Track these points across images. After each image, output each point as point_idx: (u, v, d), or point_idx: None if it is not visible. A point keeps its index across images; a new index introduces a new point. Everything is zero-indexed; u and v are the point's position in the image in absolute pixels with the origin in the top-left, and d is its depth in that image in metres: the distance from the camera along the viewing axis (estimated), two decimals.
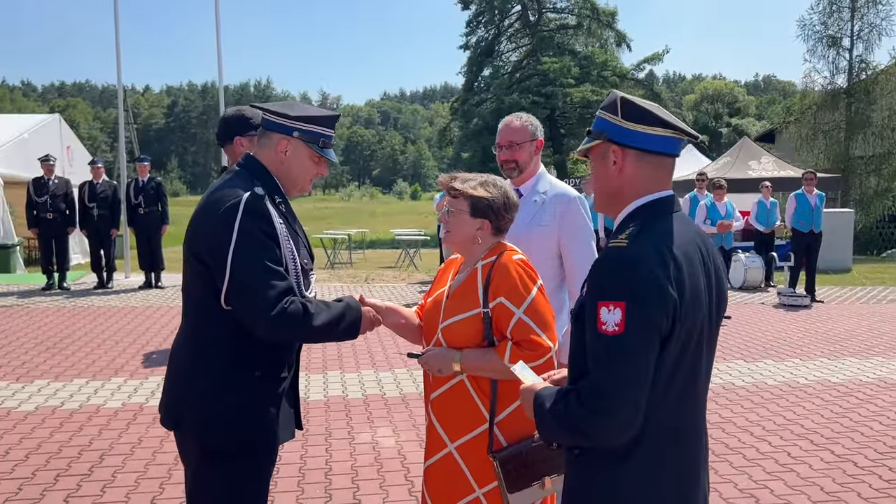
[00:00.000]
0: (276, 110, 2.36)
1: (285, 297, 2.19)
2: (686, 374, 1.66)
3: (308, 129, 2.35)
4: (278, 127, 2.35)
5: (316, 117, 2.37)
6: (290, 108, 2.38)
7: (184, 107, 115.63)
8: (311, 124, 2.36)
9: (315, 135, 2.37)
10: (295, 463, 4.47)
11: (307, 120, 2.35)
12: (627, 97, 1.72)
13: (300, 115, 2.35)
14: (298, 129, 2.34)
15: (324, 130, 2.39)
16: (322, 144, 2.39)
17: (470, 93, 49.51)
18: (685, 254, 1.63)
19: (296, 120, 2.34)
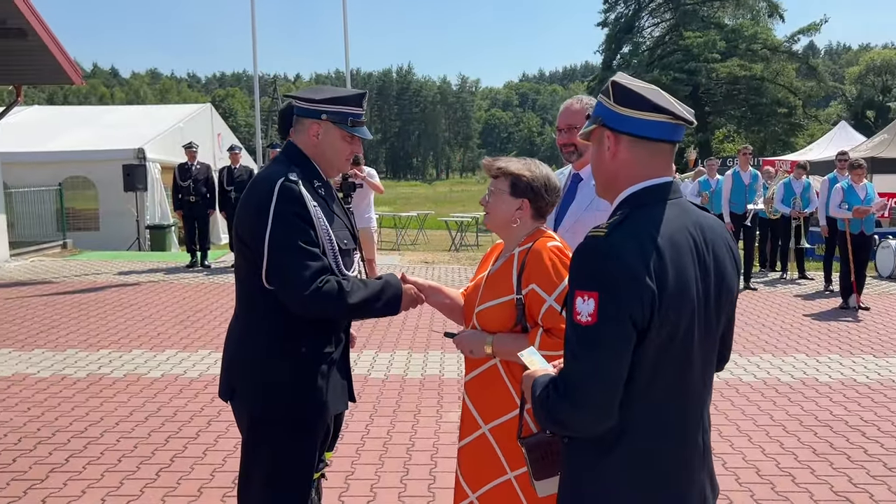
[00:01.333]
0: (303, 96, 2.47)
1: (320, 276, 2.31)
2: (675, 368, 1.60)
3: (335, 109, 2.45)
4: (307, 112, 2.46)
5: (341, 97, 2.46)
6: (317, 92, 2.48)
7: None
8: (337, 105, 2.45)
9: (343, 115, 2.46)
10: (381, 437, 4.66)
11: (333, 101, 2.45)
12: (620, 81, 1.68)
13: (325, 98, 2.45)
14: (326, 111, 2.44)
15: (351, 109, 2.47)
16: (352, 123, 2.48)
17: (608, 71, 48.19)
18: (672, 243, 1.58)
19: (321, 103, 2.45)
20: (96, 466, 4.20)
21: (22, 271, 11.57)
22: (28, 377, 5.91)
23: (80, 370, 6.11)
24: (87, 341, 7.07)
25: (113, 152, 15.64)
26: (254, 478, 2.48)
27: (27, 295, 9.48)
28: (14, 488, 3.92)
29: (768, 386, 5.79)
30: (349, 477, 4.08)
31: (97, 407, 5.21)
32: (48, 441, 4.58)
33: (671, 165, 1.72)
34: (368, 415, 5.07)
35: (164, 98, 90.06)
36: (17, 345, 6.93)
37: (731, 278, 1.72)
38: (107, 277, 10.98)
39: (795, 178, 11.08)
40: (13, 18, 11.47)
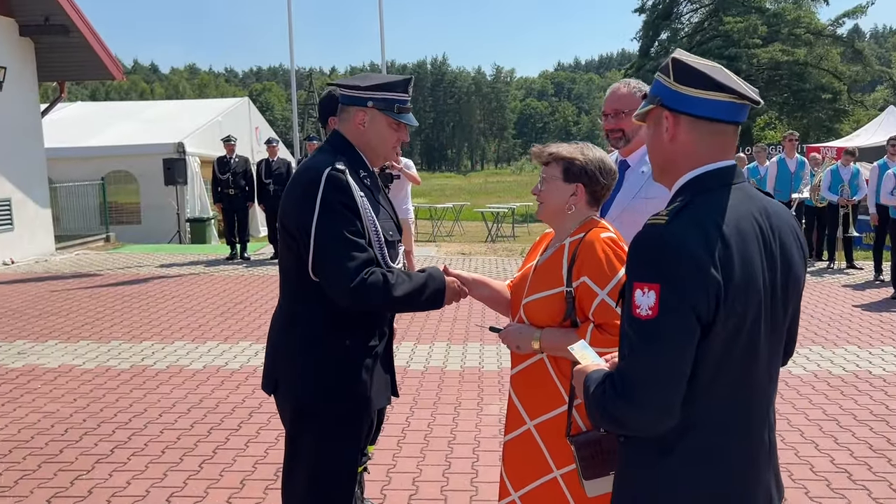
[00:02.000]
0: (348, 83, 2.42)
1: (366, 267, 2.26)
2: (740, 363, 1.51)
3: (381, 96, 2.39)
4: (353, 99, 2.41)
5: (387, 83, 2.40)
6: (362, 79, 2.42)
7: None
8: (384, 91, 2.39)
9: (389, 101, 2.40)
10: (421, 430, 4.61)
11: (379, 88, 2.39)
12: (681, 57, 1.58)
13: (371, 84, 2.39)
14: (371, 97, 2.38)
15: (397, 96, 2.41)
16: (398, 110, 2.41)
17: (645, 58, 47.46)
18: (738, 231, 1.48)
19: (367, 90, 2.39)
20: (140, 458, 4.23)
21: (67, 264, 11.79)
22: (74, 368, 6.00)
23: (123, 361, 6.18)
24: (130, 333, 7.16)
25: (153, 146, 15.86)
26: (297, 472, 2.45)
27: (72, 287, 9.65)
28: (61, 479, 3.96)
29: (819, 379, 5.61)
30: (391, 470, 4.04)
31: (140, 398, 5.26)
32: (93, 432, 4.63)
33: (734, 148, 1.62)
34: (409, 407, 5.03)
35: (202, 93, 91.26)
36: (63, 336, 7.04)
37: (798, 267, 1.62)
38: (149, 270, 11.13)
39: (843, 165, 10.76)
40: (56, 15, 11.67)
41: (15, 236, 11.85)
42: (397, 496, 3.75)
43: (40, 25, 11.78)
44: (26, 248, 12.06)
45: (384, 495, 3.76)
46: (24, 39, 12.06)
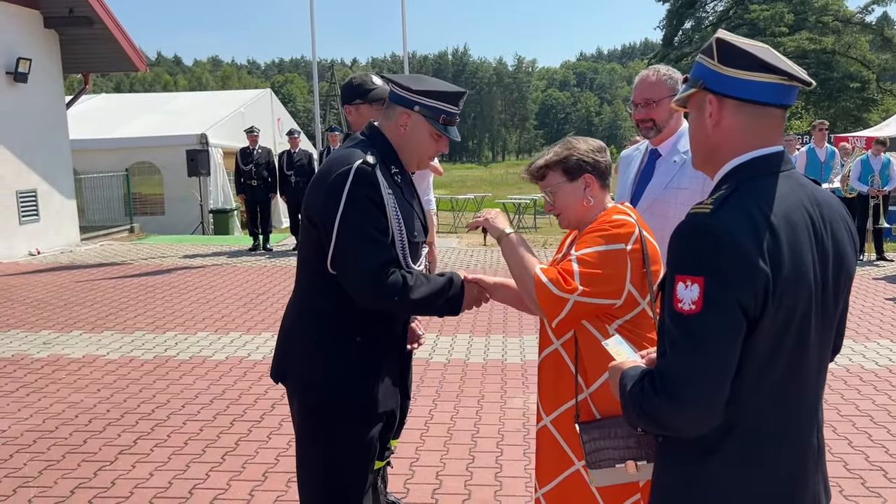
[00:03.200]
0: (401, 83, 2.34)
1: (387, 267, 2.20)
2: (789, 361, 1.43)
3: (430, 104, 2.31)
4: (401, 100, 2.33)
5: (440, 92, 2.32)
6: (416, 82, 2.34)
7: None
8: (433, 99, 2.31)
9: (437, 110, 2.32)
10: (445, 423, 4.56)
11: (430, 95, 2.31)
12: (725, 37, 1.50)
13: (423, 90, 2.31)
14: (420, 103, 2.31)
15: (447, 107, 2.33)
16: (444, 121, 2.34)
17: (668, 48, 46.99)
18: (787, 220, 1.40)
19: (418, 94, 2.31)
20: (163, 449, 4.22)
21: (92, 255, 11.88)
22: (98, 358, 6.02)
23: (147, 352, 6.19)
24: (153, 324, 7.18)
25: (176, 138, 15.93)
26: (308, 466, 2.41)
27: (97, 278, 9.71)
28: (85, 469, 3.96)
29: (851, 373, 5.48)
30: (414, 464, 4.00)
31: (163, 389, 5.26)
32: (117, 423, 4.63)
33: (781, 133, 1.54)
34: (431, 400, 4.99)
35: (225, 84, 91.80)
36: (87, 326, 7.08)
37: (850, 260, 1.54)
38: (172, 261, 11.18)
39: (874, 155, 10.52)
40: (80, 7, 11.72)
41: (41, 227, 11.96)
42: (420, 490, 3.70)
43: (65, 17, 11.84)
44: (52, 238, 12.17)
45: (407, 489, 3.72)
46: (49, 31, 12.14)
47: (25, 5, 11.58)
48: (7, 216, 11.27)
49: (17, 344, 6.48)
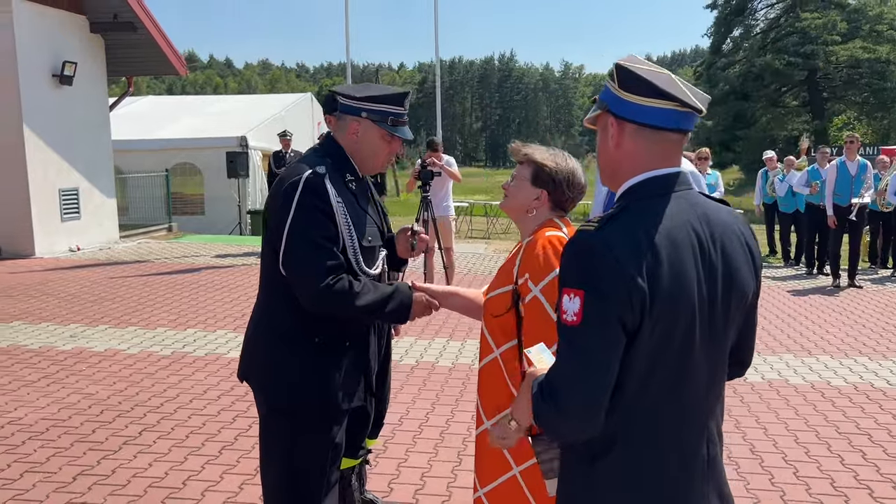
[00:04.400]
0: (346, 93, 2.46)
1: (333, 273, 2.30)
2: (670, 374, 1.49)
3: (376, 108, 2.42)
4: (348, 109, 2.45)
5: (384, 96, 2.43)
6: (360, 90, 2.46)
7: (432, 82, 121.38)
8: (377, 104, 2.42)
9: (383, 114, 2.43)
10: (439, 426, 4.65)
11: (374, 100, 2.42)
12: (624, 63, 1.57)
13: (367, 96, 2.42)
14: (366, 108, 2.42)
15: (392, 109, 2.44)
16: (392, 123, 2.44)
17: (716, 55, 46.27)
18: (670, 239, 1.47)
19: (362, 101, 2.42)
20: (166, 441, 4.40)
21: (128, 252, 12.28)
22: (118, 353, 6.26)
23: (166, 348, 6.42)
24: (176, 320, 7.42)
25: (217, 140, 16.35)
26: (270, 466, 2.53)
27: (129, 275, 10.05)
28: (89, 457, 4.16)
29: (859, 391, 5.40)
30: (402, 464, 4.10)
31: (175, 384, 5.46)
32: (126, 414, 4.83)
33: (679, 156, 1.60)
34: (430, 403, 5.08)
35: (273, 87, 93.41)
36: (112, 321, 7.36)
37: (743, 278, 1.59)
38: (204, 260, 11.50)
39: None
40: (124, 13, 12.13)
41: (82, 224, 12.41)
42: (403, 490, 3.80)
43: (109, 22, 12.28)
44: (92, 235, 12.61)
45: (391, 489, 3.82)
46: (95, 36, 12.60)
47: (73, 11, 12.06)
48: (49, 213, 11.73)
49: (45, 336, 6.78)
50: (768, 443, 4.43)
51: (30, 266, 10.66)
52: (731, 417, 4.82)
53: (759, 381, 5.62)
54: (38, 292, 8.79)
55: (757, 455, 4.24)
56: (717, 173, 10.38)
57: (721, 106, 43.93)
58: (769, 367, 6.01)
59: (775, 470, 4.05)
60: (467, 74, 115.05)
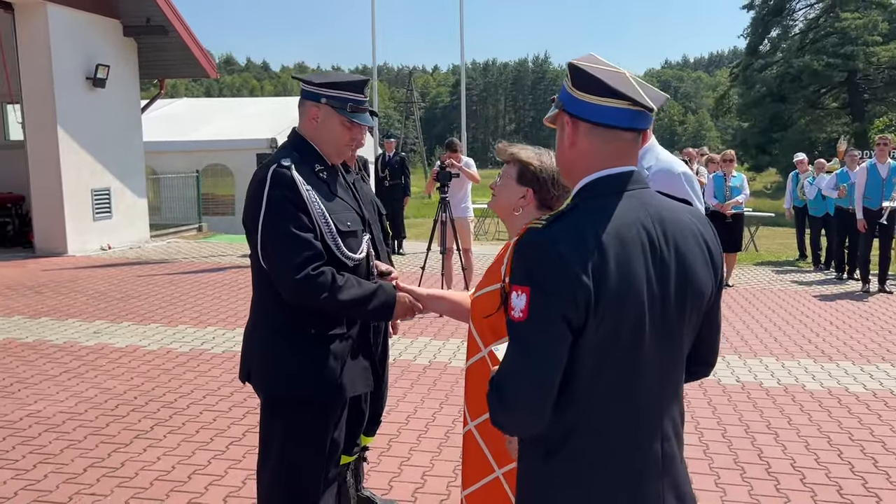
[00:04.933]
0: (305, 79, 2.49)
1: (312, 263, 2.33)
2: (619, 372, 1.49)
3: (335, 94, 2.45)
4: (308, 94, 2.48)
5: (341, 82, 2.46)
6: (319, 77, 2.50)
7: (467, 85, 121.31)
8: (336, 90, 2.45)
9: (342, 100, 2.46)
10: (445, 426, 4.67)
11: (332, 86, 2.45)
12: (577, 63, 1.57)
13: (326, 82, 2.46)
14: (325, 95, 2.45)
15: (351, 95, 2.47)
16: (351, 109, 2.47)
17: (753, 56, 45.51)
18: (619, 238, 1.47)
19: (322, 87, 2.45)
20: (176, 435, 4.49)
21: (158, 251, 12.52)
22: (139, 349, 6.40)
23: (185, 345, 6.54)
24: (197, 318, 7.56)
25: (247, 142, 16.56)
26: (266, 459, 2.56)
27: (156, 273, 10.25)
28: (101, 450, 4.26)
29: (878, 398, 5.29)
30: (404, 463, 4.13)
31: (191, 380, 5.56)
32: (140, 409, 4.94)
33: (634, 154, 1.60)
34: (439, 403, 5.10)
35: None
36: (136, 318, 7.52)
37: (699, 276, 1.58)
38: (230, 259, 11.67)
39: None
40: (156, 16, 12.38)
41: (113, 223, 12.68)
42: (403, 488, 3.83)
43: (142, 26, 12.54)
44: (123, 234, 12.88)
45: (391, 486, 3.85)
46: (128, 39, 12.87)
47: (107, 15, 12.34)
48: (82, 213, 12.01)
49: (70, 332, 6.96)
50: (777, 448, 4.36)
51: (61, 264, 10.94)
52: (741, 423, 4.76)
53: (774, 385, 5.54)
54: (67, 289, 9.01)
55: (764, 460, 4.19)
56: (742, 175, 10.23)
57: (758, 108, 43.20)
58: (787, 372, 5.91)
59: (782, 476, 3.99)
60: (501, 76, 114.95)
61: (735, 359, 6.27)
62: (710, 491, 3.80)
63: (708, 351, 1.74)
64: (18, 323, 7.31)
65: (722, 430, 4.64)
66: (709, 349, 1.74)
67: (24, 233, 12.43)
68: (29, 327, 7.12)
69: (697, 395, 5.25)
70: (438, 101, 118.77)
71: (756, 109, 44.09)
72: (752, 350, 6.57)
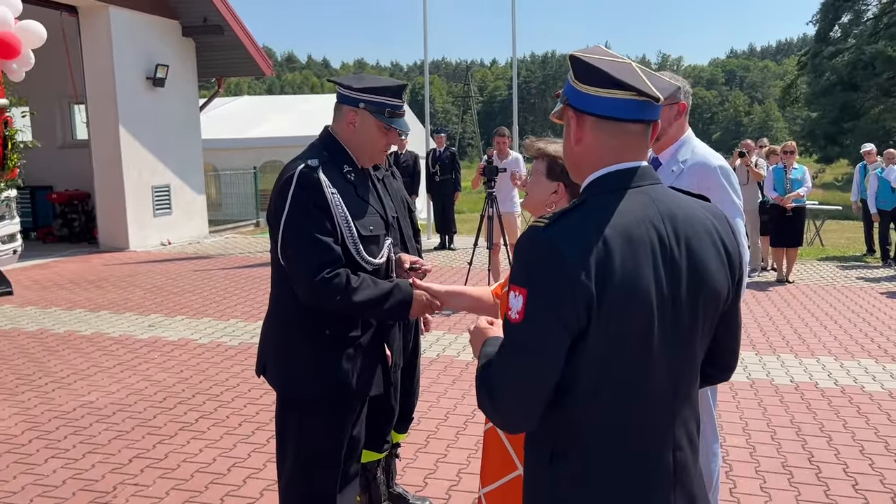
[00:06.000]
0: (344, 82, 2.47)
1: (329, 266, 2.32)
2: (626, 376, 1.43)
3: (373, 99, 2.43)
4: (346, 99, 2.47)
5: (381, 87, 2.44)
6: (357, 80, 2.47)
7: (525, 78, 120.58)
8: (376, 95, 2.43)
9: (381, 105, 2.44)
10: (483, 423, 4.62)
11: (371, 91, 2.43)
12: (579, 54, 1.51)
13: (365, 87, 2.43)
14: (364, 100, 2.43)
15: (390, 100, 2.44)
16: (389, 114, 2.45)
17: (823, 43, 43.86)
18: (625, 236, 1.40)
19: (361, 91, 2.43)
20: (219, 428, 4.57)
21: (215, 247, 12.81)
22: (190, 342, 6.55)
23: (234, 339, 6.67)
24: (248, 312, 7.70)
25: (303, 139, 16.57)
26: (285, 457, 2.57)
27: (212, 268, 10.49)
28: (147, 441, 4.37)
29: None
30: (440, 460, 4.11)
31: (237, 374, 5.66)
32: (187, 401, 5.05)
33: (643, 148, 1.53)
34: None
35: None
36: (189, 312, 7.70)
37: (714, 276, 1.50)
38: None
39: None
40: (212, 16, 12.64)
41: (173, 219, 13.03)
42: (438, 485, 3.81)
43: (199, 26, 12.82)
44: (182, 230, 13.22)
45: (426, 483, 3.83)
46: (186, 39, 13.19)
47: (166, 16, 12.66)
48: (143, 209, 12.38)
49: (126, 325, 7.17)
50: (829, 452, 4.18)
51: (122, 259, 11.30)
52: (792, 424, 4.58)
53: (830, 386, 5.31)
54: (127, 283, 9.30)
55: (814, 465, 4.01)
56: (804, 168, 9.85)
57: (827, 97, 41.64)
58: (846, 372, 5.66)
59: (832, 482, 3.82)
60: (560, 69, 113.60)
61: (790, 358, 6.04)
62: (754, 495, 3.67)
63: (726, 354, 1.65)
64: (79, 316, 7.58)
65: (771, 431, 4.48)
66: (727, 352, 1.66)
67: (90, 229, 12.89)
68: (88, 320, 7.38)
69: (748, 395, 5.08)
70: (496, 94, 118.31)
71: (825, 98, 42.55)
72: (810, 349, 6.32)
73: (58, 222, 13.18)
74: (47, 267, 10.64)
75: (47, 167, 12.63)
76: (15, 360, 6.02)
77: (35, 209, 13.44)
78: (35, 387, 5.36)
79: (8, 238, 6.73)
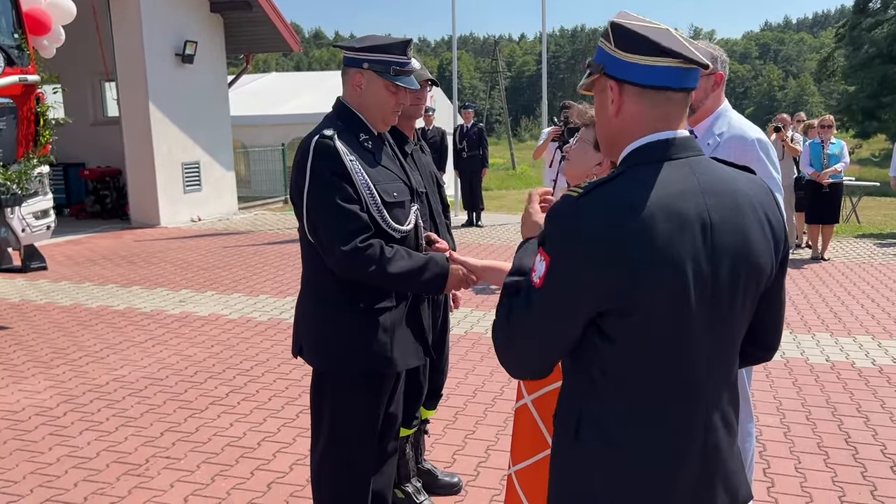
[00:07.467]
0: (346, 45, 2.41)
1: (359, 235, 2.28)
2: (659, 354, 1.38)
3: (377, 58, 2.37)
4: (350, 61, 2.41)
5: (384, 45, 2.38)
6: (360, 41, 2.42)
7: (553, 52, 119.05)
8: (379, 53, 2.37)
9: (385, 63, 2.37)
10: (511, 400, 4.60)
11: (374, 49, 2.37)
12: (620, 21, 1.44)
13: (368, 46, 2.37)
14: (368, 59, 2.37)
15: (395, 58, 2.38)
16: (395, 73, 2.38)
17: (862, 14, 42.72)
18: (662, 210, 1.34)
19: (364, 51, 2.37)
20: (249, 402, 4.61)
21: (244, 223, 12.89)
22: (221, 317, 6.61)
23: (264, 314, 6.71)
24: (277, 288, 7.74)
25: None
26: (319, 431, 2.56)
27: (242, 244, 10.56)
28: (178, 415, 4.42)
29: None
30: (469, 436, 4.10)
31: (268, 349, 5.69)
32: (217, 376, 5.09)
33: (683, 117, 1.46)
34: (507, 377, 5.03)
35: None
36: (220, 288, 7.76)
37: (757, 251, 1.44)
38: None
39: None
40: None
41: (203, 196, 13.12)
42: (466, 461, 3.80)
43: (227, 2, 12.80)
44: (212, 207, 13.32)
45: (454, 459, 3.82)
46: (214, 16, 13.18)
47: None
48: (173, 185, 12.48)
49: (158, 300, 7.25)
50: (867, 433, 4.10)
51: (154, 235, 11.42)
52: (828, 405, 4.50)
53: (868, 366, 5.20)
54: (158, 259, 9.40)
55: (851, 445, 3.94)
56: (841, 142, 9.59)
57: (865, 70, 40.62)
58: (884, 351, 5.54)
59: (869, 462, 3.74)
60: (590, 43, 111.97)
61: (826, 337, 5.92)
62: (789, 476, 3.61)
63: (768, 333, 1.60)
64: (112, 291, 7.68)
65: (806, 411, 4.40)
66: (770, 331, 1.60)
67: (121, 205, 13.04)
68: (121, 296, 7.47)
69: (782, 375, 4.99)
70: (525, 70, 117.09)
71: (864, 72, 41.53)
72: (846, 328, 6.19)
73: (90, 199, 13.35)
74: (80, 243, 10.79)
75: (79, 144, 12.75)
76: (50, 334, 6.12)
77: (68, 186, 13.61)
78: (69, 360, 5.45)
79: (41, 214, 6.79)
